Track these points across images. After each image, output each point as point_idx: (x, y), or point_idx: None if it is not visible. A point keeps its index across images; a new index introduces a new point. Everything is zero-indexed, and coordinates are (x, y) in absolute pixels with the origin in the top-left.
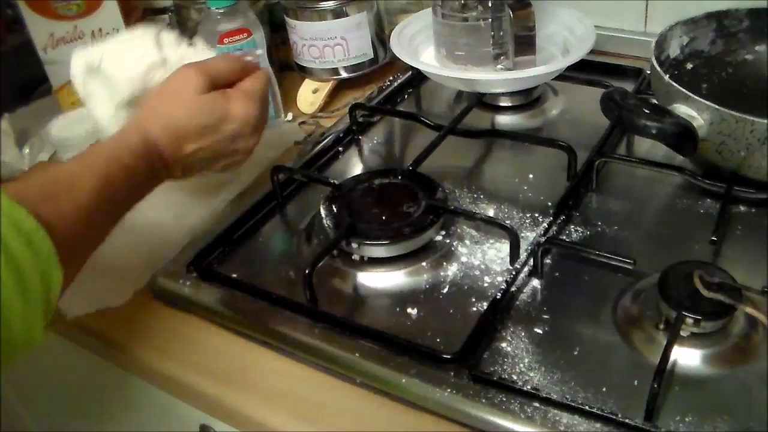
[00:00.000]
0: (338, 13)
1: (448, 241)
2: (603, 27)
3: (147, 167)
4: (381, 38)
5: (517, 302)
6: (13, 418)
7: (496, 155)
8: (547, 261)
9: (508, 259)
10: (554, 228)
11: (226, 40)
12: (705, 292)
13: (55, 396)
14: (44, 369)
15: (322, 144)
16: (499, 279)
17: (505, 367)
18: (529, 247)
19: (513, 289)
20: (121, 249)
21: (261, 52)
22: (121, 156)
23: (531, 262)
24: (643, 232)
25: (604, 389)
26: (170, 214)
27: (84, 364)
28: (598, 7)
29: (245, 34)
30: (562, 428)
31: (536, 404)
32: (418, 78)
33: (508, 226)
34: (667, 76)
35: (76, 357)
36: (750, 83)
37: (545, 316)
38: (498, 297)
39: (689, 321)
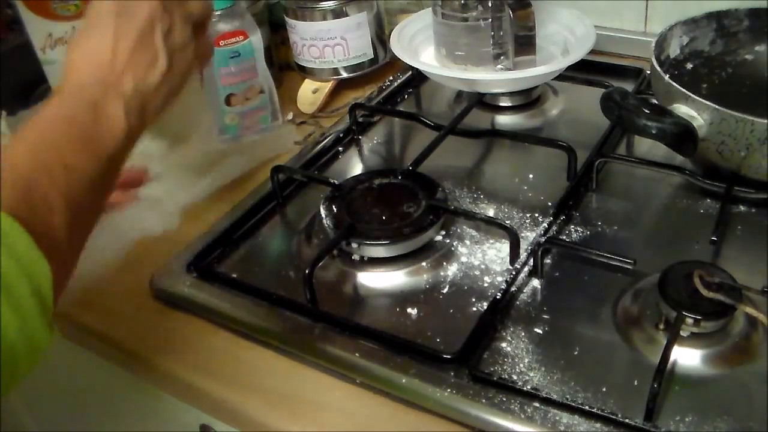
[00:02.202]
0: (338, 13)
1: (448, 241)
2: (603, 27)
3: (92, 119)
4: (381, 38)
5: (517, 302)
6: (13, 418)
7: (496, 155)
8: (547, 261)
9: (508, 259)
10: (554, 228)
11: (221, 42)
12: (705, 292)
13: (56, 396)
14: (45, 369)
15: (322, 144)
16: (499, 279)
17: (505, 367)
18: (529, 247)
19: (513, 289)
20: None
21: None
22: (66, 119)
23: (531, 262)
24: (643, 232)
25: (604, 389)
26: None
27: (84, 365)
28: (598, 7)
29: (241, 37)
30: (562, 428)
31: (536, 404)
32: (418, 78)
33: (508, 226)
34: (667, 76)
35: (77, 357)
36: (750, 83)
37: (545, 316)
38: (498, 297)
39: (689, 321)
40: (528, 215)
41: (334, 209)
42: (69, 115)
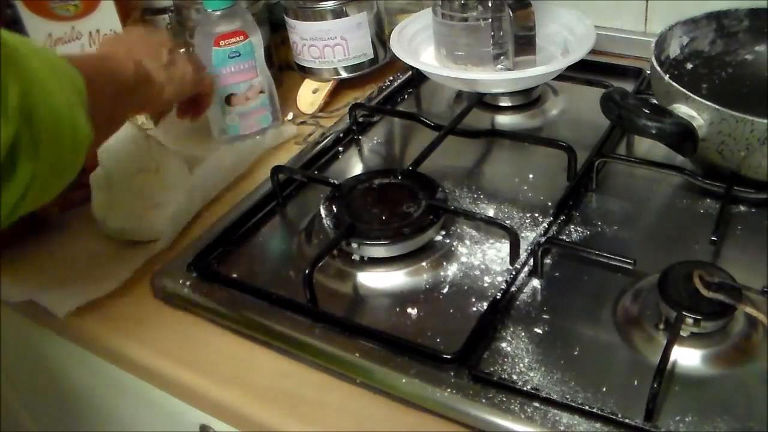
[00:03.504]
0: (338, 13)
1: (448, 241)
2: (603, 27)
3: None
4: (381, 38)
5: (517, 302)
6: (13, 418)
7: (496, 155)
8: (547, 261)
9: (508, 259)
10: (554, 228)
11: (222, 42)
12: (705, 292)
13: (56, 396)
14: (44, 369)
15: (322, 144)
16: (499, 279)
17: (505, 367)
18: (529, 247)
19: (513, 289)
20: (104, 240)
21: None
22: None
23: (531, 262)
24: (643, 232)
25: (604, 389)
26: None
27: (84, 365)
28: (598, 7)
29: (241, 37)
30: (562, 428)
31: (536, 404)
32: (418, 78)
33: (508, 226)
34: (667, 76)
35: (76, 357)
36: (750, 83)
37: (545, 316)
38: (498, 297)
39: (689, 321)
40: (528, 215)
41: (334, 209)
42: (107, 57)
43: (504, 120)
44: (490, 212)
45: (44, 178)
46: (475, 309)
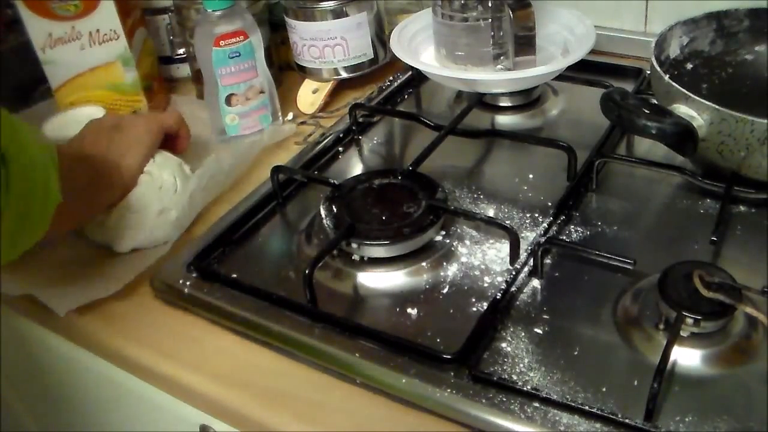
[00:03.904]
0: (338, 13)
1: (448, 241)
2: (603, 27)
3: None
4: (381, 38)
5: (517, 302)
6: (13, 418)
7: (496, 155)
8: (547, 261)
9: (508, 259)
10: (554, 228)
11: (222, 42)
12: (705, 292)
13: (56, 396)
14: (44, 369)
15: (322, 144)
16: (499, 279)
17: (505, 367)
18: (529, 247)
19: (513, 289)
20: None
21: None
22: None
23: (531, 262)
24: (643, 232)
25: (604, 389)
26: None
27: (84, 365)
28: (598, 7)
29: (241, 37)
30: (562, 428)
31: (536, 404)
32: (418, 78)
33: (508, 226)
34: (667, 76)
35: (76, 357)
36: (750, 83)
37: (545, 316)
38: (498, 297)
39: (689, 321)
40: (528, 215)
41: (334, 209)
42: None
43: (504, 120)
44: (490, 212)
45: (10, 228)
46: (475, 309)
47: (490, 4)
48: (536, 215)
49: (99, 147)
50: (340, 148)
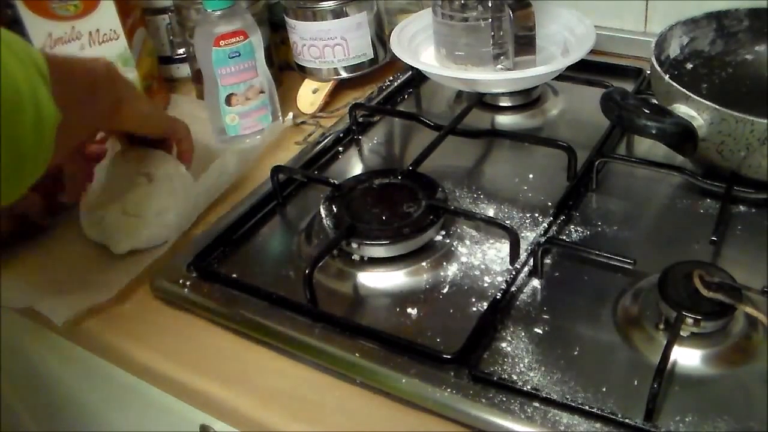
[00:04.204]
0: (338, 13)
1: (448, 241)
2: (603, 27)
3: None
4: (381, 38)
5: (517, 302)
6: (13, 418)
7: (496, 155)
8: (547, 261)
9: (508, 259)
10: (554, 228)
11: (222, 42)
12: (705, 292)
13: (55, 396)
14: (44, 369)
15: (322, 144)
16: (499, 279)
17: (505, 367)
18: (529, 247)
19: (513, 289)
20: (102, 245)
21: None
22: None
23: (531, 262)
24: (643, 232)
25: (604, 389)
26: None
27: (84, 365)
28: (598, 7)
29: (241, 37)
30: (562, 428)
31: (536, 404)
32: (418, 78)
33: (508, 226)
34: (667, 76)
35: (77, 357)
36: (750, 83)
37: (545, 316)
38: (498, 297)
39: (689, 321)
40: (528, 215)
41: (334, 209)
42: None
43: (504, 120)
44: (490, 212)
45: (8, 161)
46: (475, 309)
47: (490, 4)
48: (536, 215)
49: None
50: (340, 148)
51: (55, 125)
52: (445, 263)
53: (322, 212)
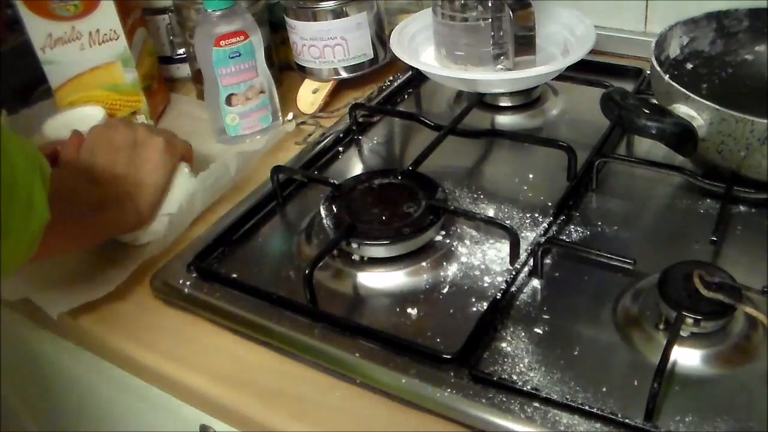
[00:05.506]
0: (338, 13)
1: (448, 241)
2: (603, 27)
3: None
4: (381, 38)
5: (517, 302)
6: (13, 418)
7: (496, 155)
8: (547, 261)
9: (508, 259)
10: (554, 228)
11: (222, 42)
12: (705, 292)
13: (55, 396)
14: (44, 369)
15: (322, 144)
16: (499, 279)
17: (505, 367)
18: (529, 247)
19: (513, 289)
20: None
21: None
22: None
23: (531, 262)
24: (643, 232)
25: (604, 389)
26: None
27: (84, 364)
28: (598, 7)
29: (242, 37)
30: (562, 428)
31: (536, 404)
32: (418, 78)
33: (508, 226)
34: (667, 76)
35: (76, 357)
36: (750, 83)
37: (545, 316)
38: (498, 297)
39: (689, 321)
40: (528, 215)
41: (334, 209)
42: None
43: (504, 120)
44: (490, 212)
45: None
46: (475, 309)
47: (490, 4)
48: (536, 215)
49: (117, 167)
50: (340, 148)
51: (43, 224)
52: (445, 263)
53: (322, 212)
